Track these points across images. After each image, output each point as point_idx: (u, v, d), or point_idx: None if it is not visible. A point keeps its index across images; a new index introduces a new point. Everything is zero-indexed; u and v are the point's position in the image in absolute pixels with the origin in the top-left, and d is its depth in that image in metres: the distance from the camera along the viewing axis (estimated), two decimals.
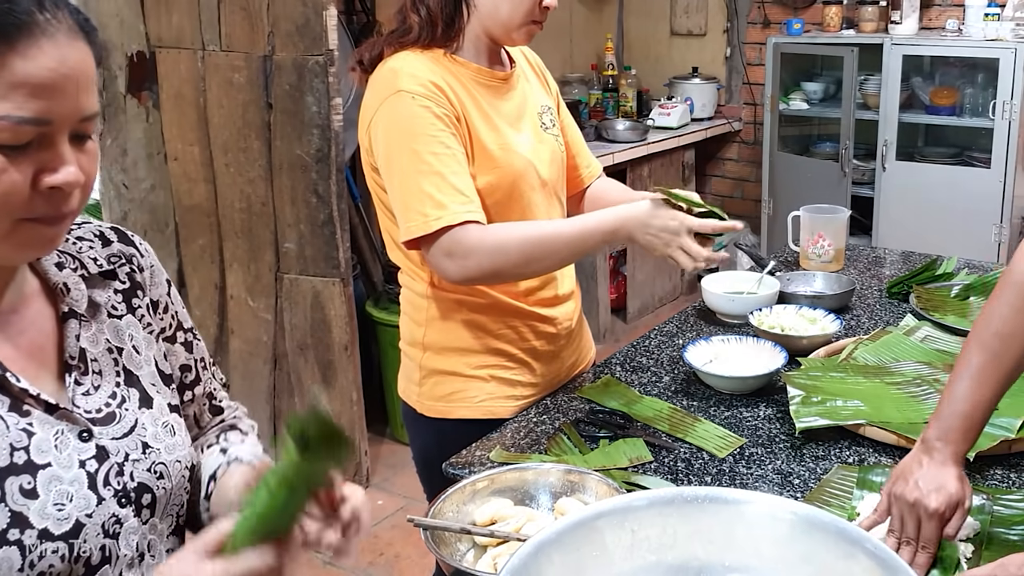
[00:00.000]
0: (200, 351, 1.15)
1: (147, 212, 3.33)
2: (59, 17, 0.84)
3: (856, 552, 0.87)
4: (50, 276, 0.98)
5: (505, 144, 1.61)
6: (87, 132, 0.87)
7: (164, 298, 1.10)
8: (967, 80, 4.14)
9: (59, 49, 0.83)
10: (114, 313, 1.03)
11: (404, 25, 1.60)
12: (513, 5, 1.56)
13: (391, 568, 2.90)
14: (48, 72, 0.82)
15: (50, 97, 0.82)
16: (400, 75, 1.53)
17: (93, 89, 0.87)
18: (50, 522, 0.88)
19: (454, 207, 1.50)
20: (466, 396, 1.69)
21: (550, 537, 0.90)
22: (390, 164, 1.54)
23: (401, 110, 1.52)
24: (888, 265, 2.43)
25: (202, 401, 1.17)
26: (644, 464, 1.49)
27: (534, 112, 1.71)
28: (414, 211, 1.51)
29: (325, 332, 3.15)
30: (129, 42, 3.17)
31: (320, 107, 2.96)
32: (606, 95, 4.87)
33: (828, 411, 1.56)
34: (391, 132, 1.53)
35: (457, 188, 1.51)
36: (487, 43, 1.63)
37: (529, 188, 1.64)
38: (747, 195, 5.17)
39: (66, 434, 0.92)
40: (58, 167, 0.84)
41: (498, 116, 1.62)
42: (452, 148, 1.52)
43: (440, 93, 1.53)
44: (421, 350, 1.71)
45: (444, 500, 1.29)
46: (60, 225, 0.88)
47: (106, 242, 1.06)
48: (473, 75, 1.61)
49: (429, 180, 1.50)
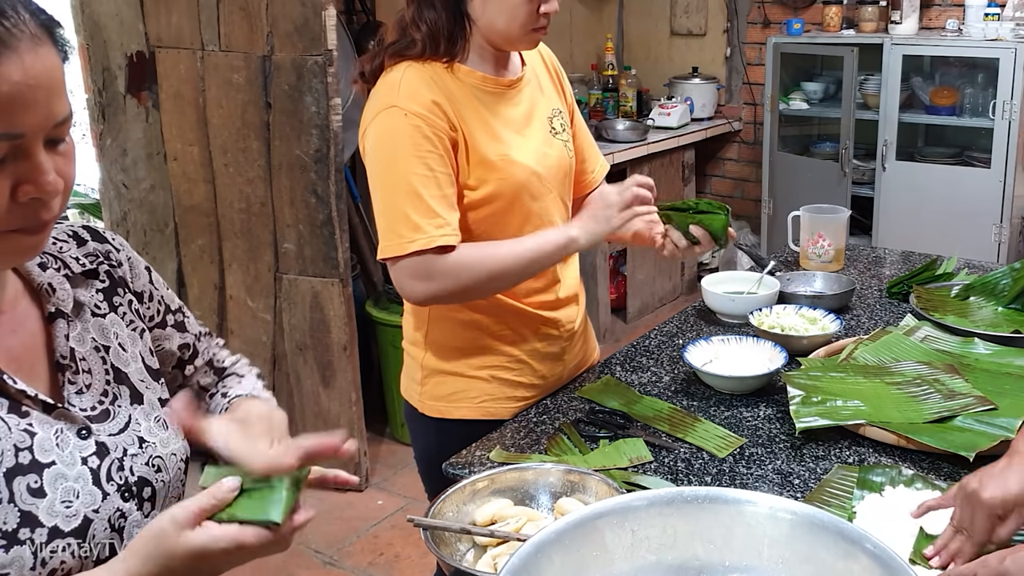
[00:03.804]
0: (193, 326, 1.17)
1: (147, 212, 3.33)
2: (20, 25, 0.80)
3: (856, 552, 0.87)
4: (34, 277, 0.97)
5: (506, 154, 1.61)
6: (61, 136, 0.85)
7: (147, 287, 1.10)
8: (967, 80, 4.14)
9: (23, 60, 0.79)
10: (97, 312, 1.03)
11: (406, 38, 1.59)
12: (508, 18, 1.56)
13: (391, 568, 2.90)
14: (13, 87, 0.79)
15: (20, 110, 0.80)
16: (398, 90, 1.54)
17: (63, 92, 0.85)
18: (59, 519, 0.89)
19: (430, 230, 1.51)
20: (467, 396, 1.69)
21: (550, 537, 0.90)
22: (374, 178, 1.57)
23: (392, 126, 1.52)
24: (888, 265, 2.43)
25: (204, 370, 1.19)
26: (644, 464, 1.49)
27: (543, 117, 1.71)
28: (390, 231, 1.53)
29: (324, 332, 3.15)
30: (129, 42, 3.17)
31: (319, 107, 2.96)
32: (606, 95, 4.87)
33: (828, 411, 1.56)
34: (379, 146, 1.55)
35: (434, 211, 1.52)
36: (492, 51, 1.63)
37: (530, 197, 1.65)
38: (747, 195, 5.17)
39: (65, 432, 0.93)
40: (36, 177, 0.82)
41: (502, 124, 1.62)
42: (435, 170, 1.53)
43: (437, 111, 1.54)
44: (423, 349, 1.71)
45: (444, 500, 1.29)
46: (42, 233, 0.87)
47: (81, 241, 1.05)
48: (477, 84, 1.61)
49: (408, 201, 1.51)
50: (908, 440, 1.47)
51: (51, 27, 0.85)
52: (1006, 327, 1.91)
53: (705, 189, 5.29)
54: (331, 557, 2.94)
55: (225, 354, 1.23)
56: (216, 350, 1.21)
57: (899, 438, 1.49)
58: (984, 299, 2.04)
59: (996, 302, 2.02)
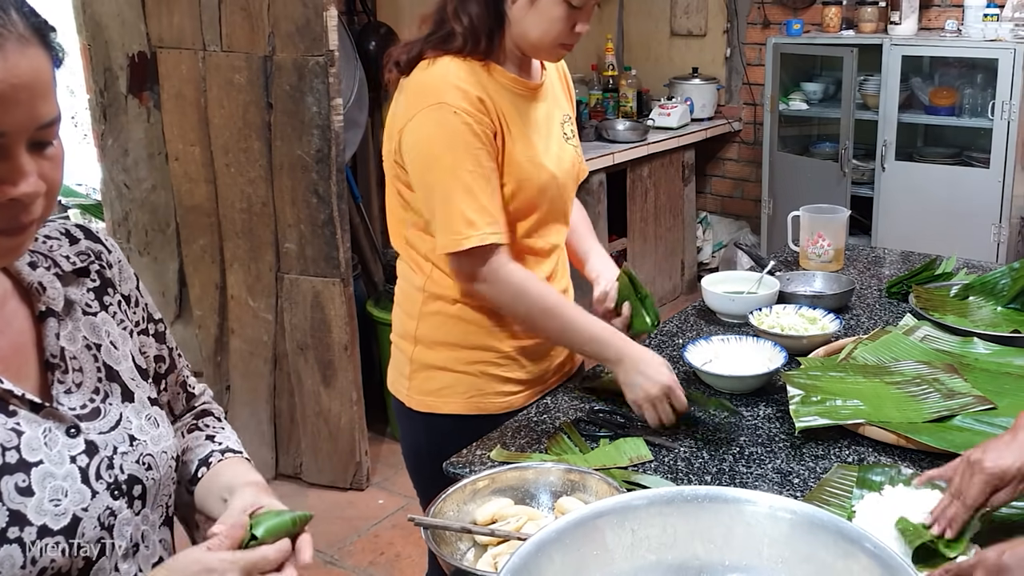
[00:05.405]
0: (170, 340, 1.17)
1: (148, 212, 3.33)
2: (8, 25, 0.79)
3: (856, 552, 0.87)
4: (24, 276, 0.97)
5: (534, 156, 1.63)
6: (48, 139, 0.84)
7: (134, 292, 1.11)
8: (966, 80, 4.14)
9: (7, 59, 0.79)
10: (88, 311, 1.03)
11: (444, 30, 1.59)
12: (543, 30, 1.57)
13: (391, 568, 2.90)
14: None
15: (1, 109, 0.79)
16: (446, 86, 1.55)
17: (50, 95, 0.84)
18: (48, 518, 0.89)
19: (483, 228, 1.55)
20: (455, 391, 1.70)
21: (550, 536, 0.90)
22: (425, 174, 1.58)
23: (443, 123, 1.53)
24: (888, 265, 2.43)
25: (175, 390, 1.19)
26: (644, 463, 1.49)
27: (558, 122, 1.73)
28: (447, 228, 1.56)
29: (325, 332, 3.16)
30: (130, 42, 3.17)
31: (320, 107, 2.96)
32: (606, 95, 4.87)
33: (828, 411, 1.56)
34: (431, 143, 1.55)
35: (486, 208, 1.55)
36: (519, 55, 1.64)
37: (547, 200, 1.67)
38: (747, 195, 5.17)
39: (54, 431, 0.93)
40: (16, 180, 0.81)
41: (529, 127, 1.64)
42: (485, 167, 1.55)
43: (483, 109, 1.55)
44: (412, 343, 1.72)
45: (444, 499, 1.29)
46: (23, 235, 0.86)
47: (73, 240, 1.05)
48: (509, 84, 1.62)
49: (462, 197, 1.54)
50: (907, 440, 1.48)
51: (42, 30, 0.84)
52: (1005, 327, 1.92)
53: (705, 189, 5.30)
54: (332, 556, 2.94)
55: (194, 380, 1.23)
56: (188, 371, 1.21)
57: (898, 437, 1.49)
58: (983, 299, 2.04)
59: (995, 302, 2.03)
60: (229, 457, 1.14)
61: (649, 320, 1.73)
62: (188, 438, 1.17)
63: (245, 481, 1.06)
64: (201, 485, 1.11)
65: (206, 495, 1.09)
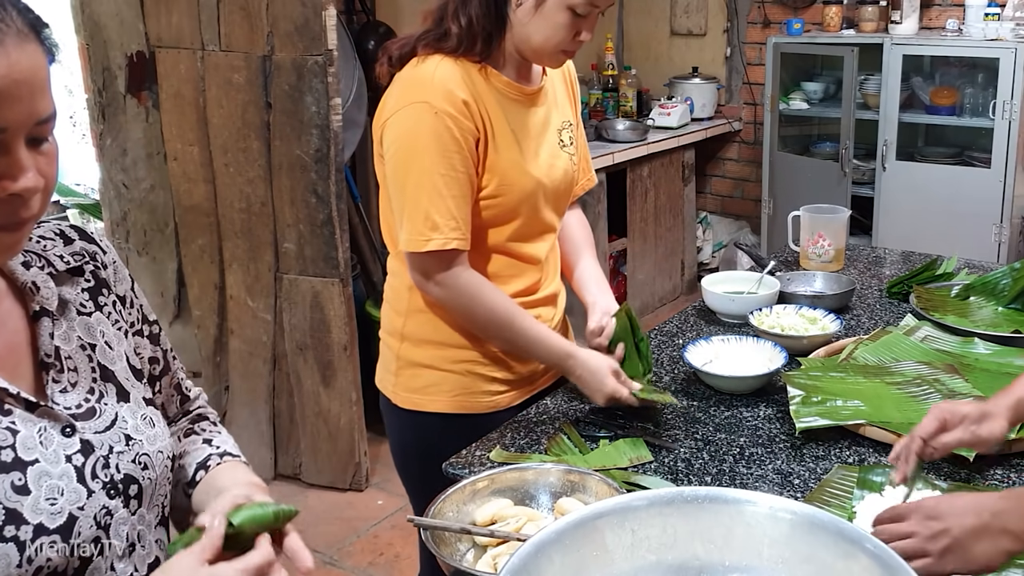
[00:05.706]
0: (165, 342, 1.17)
1: (147, 212, 3.33)
2: (7, 20, 0.81)
3: (856, 552, 0.87)
4: (17, 275, 0.97)
5: (520, 163, 1.62)
6: (44, 135, 0.85)
7: (129, 293, 1.11)
8: (967, 80, 4.14)
9: (8, 55, 0.80)
10: (83, 310, 1.03)
11: (440, 29, 1.58)
12: (546, 36, 1.56)
13: (391, 568, 2.90)
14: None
15: (2, 105, 0.80)
16: (432, 86, 1.54)
17: (47, 91, 0.85)
18: (44, 517, 0.89)
19: (446, 232, 1.54)
20: (441, 389, 1.70)
21: (550, 537, 0.90)
22: (396, 168, 1.57)
23: (423, 122, 1.53)
24: (888, 265, 2.43)
25: (170, 392, 1.19)
26: (644, 464, 1.49)
27: (555, 129, 1.72)
28: (411, 227, 1.55)
29: (324, 332, 3.15)
30: (129, 42, 3.17)
31: (319, 107, 2.96)
32: (606, 95, 4.87)
33: (828, 411, 1.56)
34: (407, 139, 1.55)
35: (452, 212, 1.54)
36: (519, 59, 1.63)
37: (530, 208, 1.66)
38: (747, 195, 5.17)
39: (49, 430, 0.93)
40: (16, 175, 0.82)
41: (520, 132, 1.63)
42: (458, 171, 1.54)
43: (467, 112, 1.54)
44: (399, 340, 1.72)
45: (444, 500, 1.29)
46: (21, 231, 0.86)
47: (68, 240, 1.05)
48: (503, 89, 1.61)
49: (430, 199, 1.53)
50: None
51: (38, 26, 0.85)
52: (1006, 327, 1.91)
53: (705, 189, 5.29)
54: (331, 557, 2.94)
55: (189, 383, 1.23)
56: (183, 373, 1.21)
57: (899, 438, 1.48)
58: (984, 299, 2.04)
59: (996, 302, 2.02)
60: (227, 460, 1.14)
61: (642, 367, 1.70)
62: (185, 442, 1.16)
63: (244, 483, 1.06)
64: (199, 488, 1.10)
65: (204, 498, 1.09)
